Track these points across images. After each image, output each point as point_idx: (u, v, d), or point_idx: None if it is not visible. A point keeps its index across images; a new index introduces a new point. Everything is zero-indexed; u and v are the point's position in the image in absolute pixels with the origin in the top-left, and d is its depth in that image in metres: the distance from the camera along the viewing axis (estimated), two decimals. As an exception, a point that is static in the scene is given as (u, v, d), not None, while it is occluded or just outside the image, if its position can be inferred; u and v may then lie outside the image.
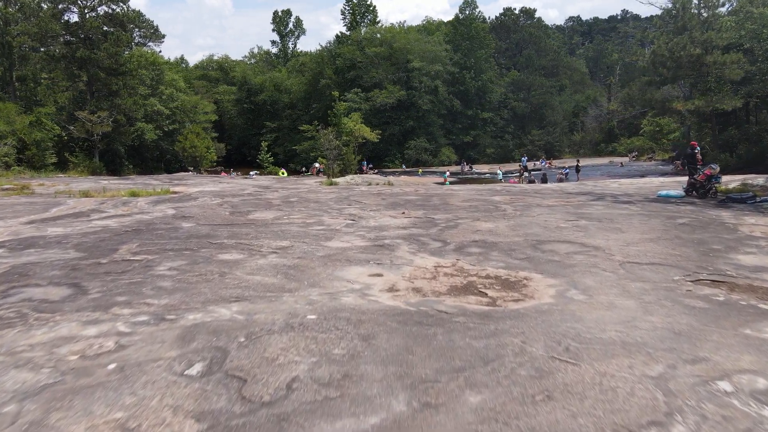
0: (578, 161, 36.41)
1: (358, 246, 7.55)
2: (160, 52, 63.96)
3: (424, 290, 5.56)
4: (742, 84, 30.05)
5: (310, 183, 25.01)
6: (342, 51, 62.07)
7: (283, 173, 44.07)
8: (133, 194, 15.58)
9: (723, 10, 32.75)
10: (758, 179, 17.08)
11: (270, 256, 6.83)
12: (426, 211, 11.25)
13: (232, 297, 5.05)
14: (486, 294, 5.48)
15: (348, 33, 66.75)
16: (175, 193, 17.36)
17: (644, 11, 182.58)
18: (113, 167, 42.43)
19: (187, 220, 9.70)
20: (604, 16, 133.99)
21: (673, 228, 9.04)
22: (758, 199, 12.88)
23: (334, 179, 26.44)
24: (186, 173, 43.54)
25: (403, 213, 11.04)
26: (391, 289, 5.57)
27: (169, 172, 47.30)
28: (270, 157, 46.95)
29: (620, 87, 61.30)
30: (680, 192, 14.13)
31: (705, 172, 13.84)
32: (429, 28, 70.67)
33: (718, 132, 32.45)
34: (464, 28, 63.72)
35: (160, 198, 14.01)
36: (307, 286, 5.57)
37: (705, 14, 31.75)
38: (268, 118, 62.74)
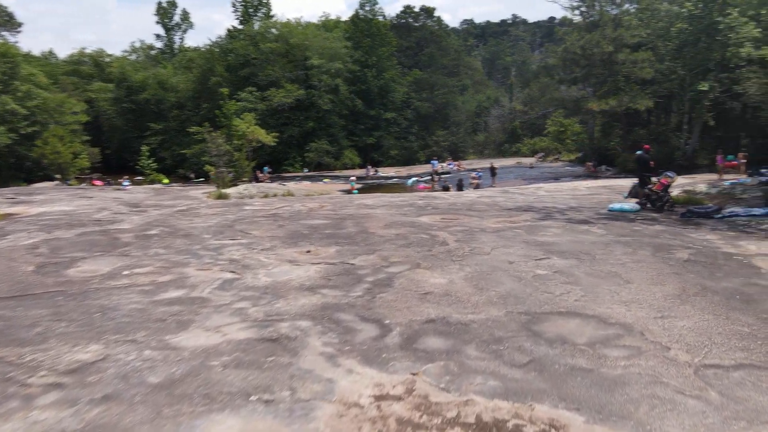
0: (492, 164, 34.65)
1: (235, 342, 4.31)
2: (17, 42, 55.74)
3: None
4: (648, 83, 29.74)
5: (194, 195, 21.00)
6: (234, 46, 57.01)
7: (165, 181, 39.12)
8: (-61, 222, 11.21)
9: (629, 7, 32.39)
10: (699, 185, 15.64)
11: (41, 400, 3.38)
12: (340, 246, 8.13)
13: None
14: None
15: (241, 27, 61.71)
16: (7, 216, 13.17)
17: (532, 17, 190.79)
18: (-46, 178, 35.49)
19: (-49, 287, 5.89)
20: (495, 20, 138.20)
21: (683, 270, 6.61)
22: (725, 213, 11.05)
23: (223, 190, 22.57)
24: (49, 183, 37.31)
25: (309, 252, 7.88)
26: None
27: (30, 182, 40.58)
28: (154, 162, 41.24)
29: (520, 88, 61.52)
30: (634, 205, 12.06)
31: (661, 180, 11.88)
32: (327, 24, 67.16)
33: (626, 133, 32.15)
34: (365, 25, 60.87)
35: (-41, 233, 9.78)
36: None
37: (614, 12, 31.23)
38: (152, 119, 56.23)
